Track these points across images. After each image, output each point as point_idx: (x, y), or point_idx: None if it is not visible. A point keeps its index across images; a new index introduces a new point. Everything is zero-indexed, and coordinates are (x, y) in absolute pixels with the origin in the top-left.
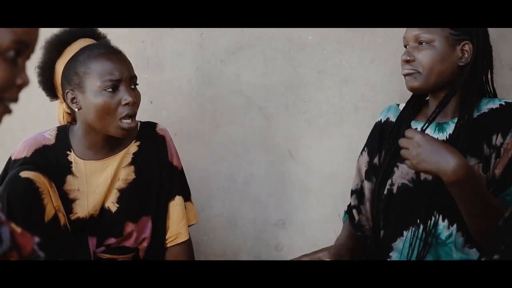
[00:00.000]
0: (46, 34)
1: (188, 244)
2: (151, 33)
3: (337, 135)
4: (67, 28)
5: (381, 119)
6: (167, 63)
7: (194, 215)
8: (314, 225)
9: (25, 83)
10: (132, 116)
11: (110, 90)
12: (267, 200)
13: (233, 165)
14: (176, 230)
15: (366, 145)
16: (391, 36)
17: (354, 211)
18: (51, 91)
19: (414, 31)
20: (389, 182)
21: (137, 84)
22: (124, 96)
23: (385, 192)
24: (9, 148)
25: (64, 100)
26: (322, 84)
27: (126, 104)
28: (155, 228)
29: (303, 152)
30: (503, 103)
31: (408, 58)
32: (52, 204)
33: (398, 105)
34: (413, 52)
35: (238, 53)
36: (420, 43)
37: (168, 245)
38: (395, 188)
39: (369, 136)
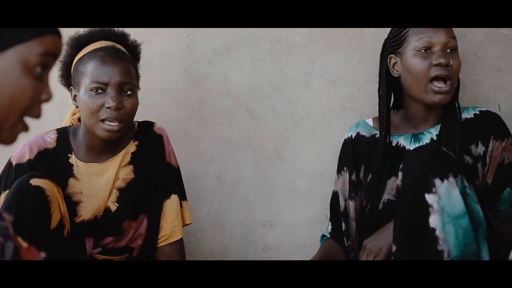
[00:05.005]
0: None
1: (180, 244)
2: (138, 33)
3: (324, 136)
4: (90, 29)
5: (351, 135)
6: (155, 64)
7: (189, 215)
8: (301, 226)
9: (49, 98)
10: (115, 120)
11: (95, 91)
12: (255, 201)
13: (220, 166)
14: (171, 229)
15: (343, 165)
16: (379, 37)
17: (345, 238)
18: (69, 88)
19: (445, 35)
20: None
21: (133, 92)
22: (108, 100)
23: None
24: (8, 148)
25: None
26: (309, 85)
27: (109, 107)
28: (149, 226)
29: (290, 153)
30: (478, 112)
31: (451, 62)
32: (59, 211)
33: (365, 121)
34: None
35: (226, 54)
36: (449, 49)
37: (161, 244)
38: (381, 205)
39: (342, 155)
